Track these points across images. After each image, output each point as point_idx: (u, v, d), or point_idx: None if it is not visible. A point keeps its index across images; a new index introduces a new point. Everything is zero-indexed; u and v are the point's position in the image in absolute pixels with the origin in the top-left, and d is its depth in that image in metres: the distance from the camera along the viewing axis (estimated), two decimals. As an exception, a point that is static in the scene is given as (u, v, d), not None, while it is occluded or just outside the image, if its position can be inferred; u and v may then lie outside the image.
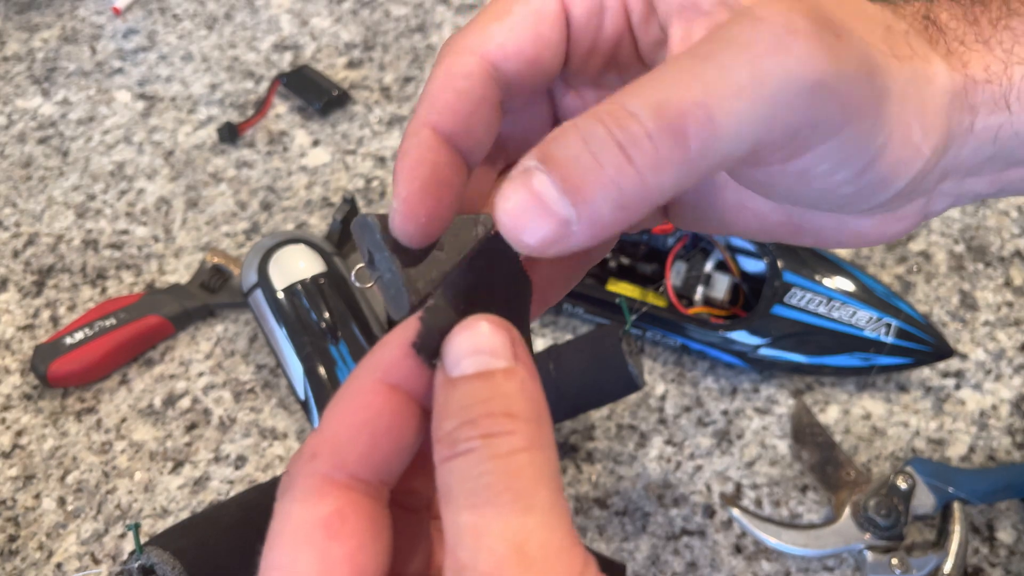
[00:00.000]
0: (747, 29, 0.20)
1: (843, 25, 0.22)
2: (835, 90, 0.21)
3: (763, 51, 0.20)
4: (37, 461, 0.55)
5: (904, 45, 0.24)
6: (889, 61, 0.23)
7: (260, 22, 0.80)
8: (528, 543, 0.19)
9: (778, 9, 0.21)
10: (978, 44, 0.25)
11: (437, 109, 0.25)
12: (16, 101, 0.75)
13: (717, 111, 0.19)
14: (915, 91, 0.24)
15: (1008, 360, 0.56)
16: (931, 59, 0.25)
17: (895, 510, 0.47)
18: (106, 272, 0.63)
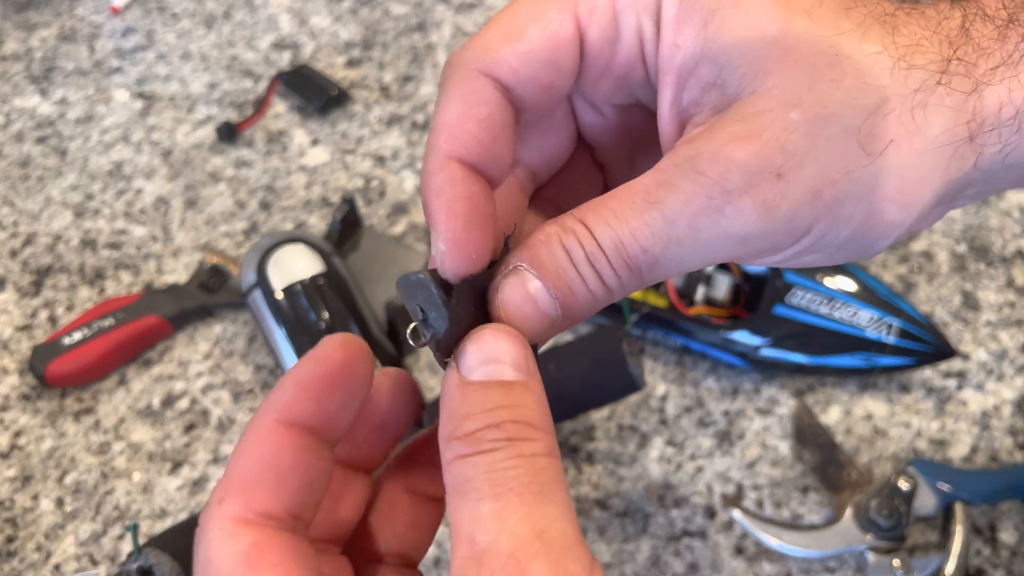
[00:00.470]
0: (689, 183, 0.23)
1: (795, 150, 0.23)
2: (765, 235, 0.24)
3: (698, 209, 0.23)
4: (35, 462, 0.55)
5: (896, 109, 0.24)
6: (853, 163, 0.23)
7: (259, 21, 0.79)
8: (549, 531, 0.21)
9: (717, 167, 0.23)
10: (1003, 68, 0.25)
11: (462, 141, 0.25)
12: (14, 100, 0.75)
13: (661, 256, 0.24)
14: (892, 175, 0.24)
15: (1010, 360, 0.56)
16: (933, 106, 0.24)
17: (897, 511, 0.47)
18: (104, 272, 0.63)
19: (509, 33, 0.25)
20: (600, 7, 0.25)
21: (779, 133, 0.23)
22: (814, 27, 0.24)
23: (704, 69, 0.25)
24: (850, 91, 0.23)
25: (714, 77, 0.24)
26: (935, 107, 0.24)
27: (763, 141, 0.23)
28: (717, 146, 0.23)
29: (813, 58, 0.24)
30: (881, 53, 0.24)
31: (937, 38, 0.24)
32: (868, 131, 0.24)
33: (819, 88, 0.23)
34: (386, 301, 0.57)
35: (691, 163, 0.24)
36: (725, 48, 0.24)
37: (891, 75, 0.24)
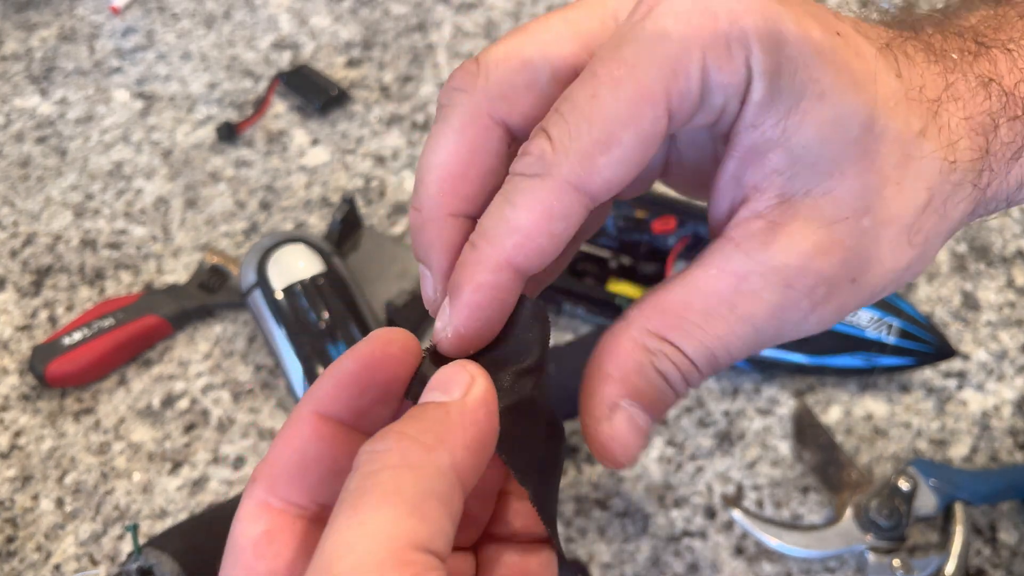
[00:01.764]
0: (779, 296, 0.24)
1: (867, 256, 0.25)
2: (826, 326, 0.26)
3: (788, 320, 0.25)
4: (35, 462, 0.55)
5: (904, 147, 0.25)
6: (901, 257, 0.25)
7: (259, 21, 0.79)
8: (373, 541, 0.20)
9: (806, 281, 0.24)
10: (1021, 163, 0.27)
11: (536, 260, 0.24)
12: (14, 100, 0.75)
13: (734, 359, 0.25)
14: (920, 258, 0.26)
15: (1010, 361, 0.56)
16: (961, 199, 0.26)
17: (897, 511, 0.47)
18: (104, 272, 0.63)
19: (602, 140, 0.23)
20: (690, 93, 0.23)
21: (855, 242, 0.24)
22: (891, 127, 0.24)
23: (776, 156, 0.24)
24: (909, 194, 0.25)
25: (785, 166, 0.24)
26: (962, 200, 0.26)
27: (845, 252, 0.24)
28: (805, 258, 0.24)
29: (885, 161, 0.24)
30: (935, 153, 0.25)
31: (971, 127, 0.26)
32: (916, 227, 0.25)
33: (887, 192, 0.24)
34: (386, 301, 0.57)
35: (779, 275, 0.24)
36: (804, 143, 0.24)
37: (939, 175, 0.25)
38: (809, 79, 0.23)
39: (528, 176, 0.23)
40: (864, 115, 0.24)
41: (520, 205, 0.23)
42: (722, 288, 0.24)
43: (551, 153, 0.23)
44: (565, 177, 0.23)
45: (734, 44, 0.23)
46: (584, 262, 0.58)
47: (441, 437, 0.21)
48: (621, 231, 0.57)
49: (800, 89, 0.23)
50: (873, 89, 0.24)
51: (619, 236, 0.57)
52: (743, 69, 0.23)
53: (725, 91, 0.23)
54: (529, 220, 0.23)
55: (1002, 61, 0.27)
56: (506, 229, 0.23)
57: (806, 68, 0.23)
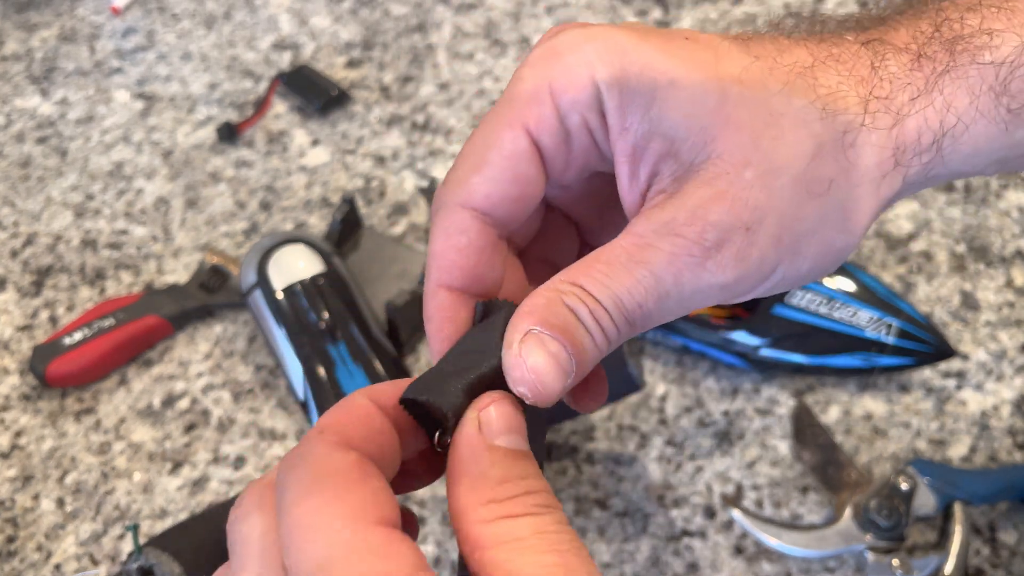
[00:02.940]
0: (669, 244, 0.26)
1: (757, 204, 0.26)
2: (740, 281, 0.27)
3: (682, 266, 0.26)
4: (36, 462, 0.55)
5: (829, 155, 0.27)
6: (803, 206, 0.27)
7: (259, 21, 0.79)
8: None
9: (694, 228, 0.26)
10: (921, 99, 0.28)
11: (446, 270, 0.28)
12: (15, 101, 0.75)
13: (654, 309, 0.27)
14: (835, 210, 0.27)
15: (1009, 360, 0.56)
16: (861, 144, 0.27)
17: (896, 511, 0.47)
18: (105, 272, 0.63)
19: (474, 164, 0.28)
20: (546, 116, 0.27)
21: (741, 192, 0.26)
22: (747, 92, 0.27)
23: (655, 144, 0.27)
24: (789, 144, 0.27)
25: (666, 149, 0.27)
26: (863, 145, 0.27)
27: (730, 200, 0.26)
28: (691, 210, 0.27)
29: (752, 120, 0.27)
30: (808, 105, 0.27)
31: (852, 81, 0.28)
32: (811, 176, 0.27)
33: (763, 146, 0.27)
34: (386, 301, 0.57)
35: (668, 227, 0.27)
36: (673, 124, 0.27)
37: (821, 123, 0.27)
38: (657, 72, 0.27)
39: (433, 213, 0.29)
40: (715, 87, 0.27)
41: (431, 237, 0.29)
42: (625, 244, 0.27)
43: (443, 190, 0.29)
44: (452, 200, 0.28)
45: (577, 67, 0.27)
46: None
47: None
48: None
49: (652, 83, 0.26)
50: (718, 67, 0.27)
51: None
52: (589, 85, 0.27)
53: (578, 108, 0.27)
54: (437, 243, 0.29)
55: (897, 31, 0.29)
56: (429, 260, 0.29)
57: (652, 66, 0.27)
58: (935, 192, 0.64)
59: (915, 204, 0.63)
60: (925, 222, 0.62)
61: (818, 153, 0.27)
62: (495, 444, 0.24)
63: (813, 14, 0.31)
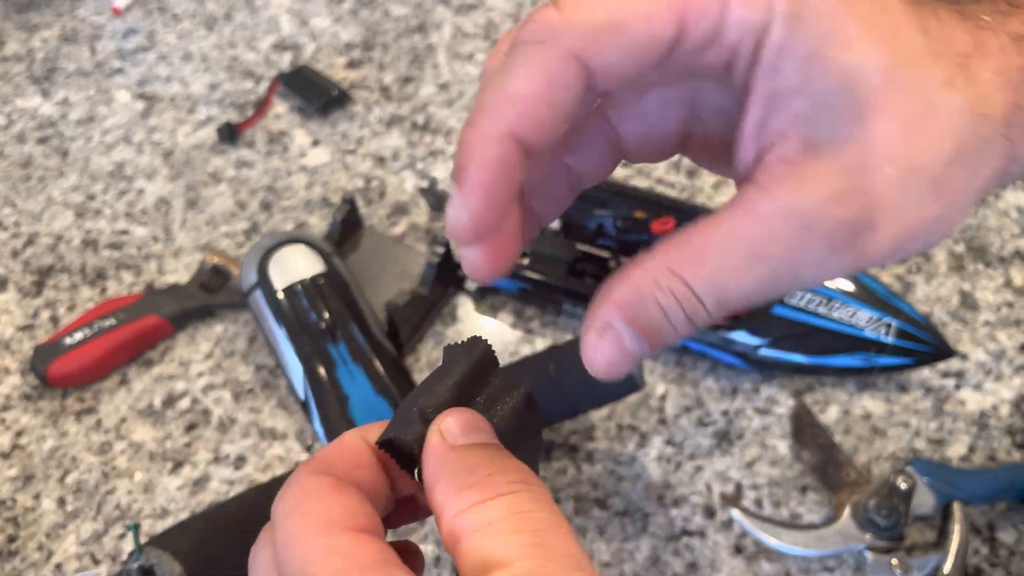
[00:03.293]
0: (797, 240, 0.24)
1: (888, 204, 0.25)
2: (843, 273, 0.25)
3: (806, 262, 0.25)
4: (37, 461, 0.55)
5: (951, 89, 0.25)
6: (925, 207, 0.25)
7: (260, 22, 0.79)
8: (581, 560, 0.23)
9: (825, 224, 0.24)
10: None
11: (531, 121, 0.24)
12: (16, 101, 0.75)
13: (756, 300, 0.25)
14: (948, 210, 0.26)
15: (1008, 360, 0.56)
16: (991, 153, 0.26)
17: (895, 510, 0.47)
18: (105, 272, 0.63)
19: (615, 22, 0.23)
20: (709, 14, 0.24)
21: (878, 188, 0.24)
22: (912, 76, 0.25)
23: (799, 102, 0.24)
24: (935, 142, 0.25)
25: (808, 113, 0.24)
26: (992, 154, 0.26)
27: (866, 197, 0.24)
28: (825, 201, 0.24)
29: (908, 109, 0.25)
30: (963, 104, 0.25)
31: (1002, 82, 0.26)
32: (942, 180, 0.25)
33: (911, 141, 0.25)
34: (386, 301, 0.57)
35: (799, 218, 0.24)
36: (828, 89, 0.24)
37: (969, 126, 0.25)
38: (833, 28, 0.24)
39: (531, 43, 0.23)
40: (886, 65, 0.24)
41: (522, 74, 0.23)
42: (744, 227, 0.24)
43: (558, 21, 0.23)
44: (569, 46, 0.23)
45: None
46: (584, 262, 0.58)
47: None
48: (621, 232, 0.57)
49: (823, 36, 0.24)
50: (896, 41, 0.24)
51: (619, 236, 0.57)
52: (764, 10, 0.23)
53: (742, 27, 0.24)
54: (530, 88, 0.23)
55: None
56: (507, 99, 0.23)
57: (830, 17, 0.24)
58: (934, 192, 0.64)
59: (914, 204, 0.63)
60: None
61: (955, 158, 0.25)
62: (458, 444, 0.24)
63: None
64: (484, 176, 0.23)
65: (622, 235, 0.57)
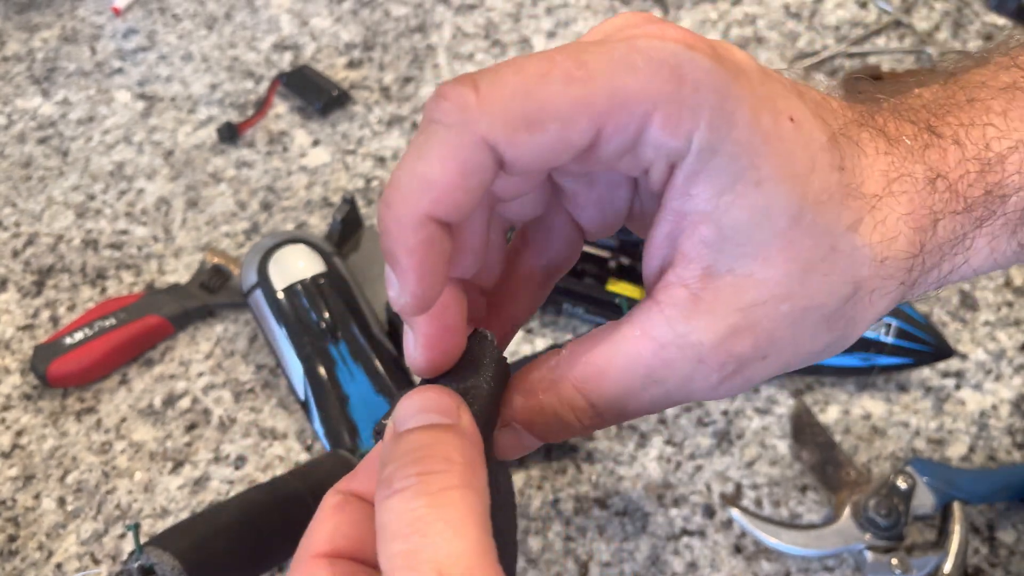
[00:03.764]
0: (690, 367, 0.26)
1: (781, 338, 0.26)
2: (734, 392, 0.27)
3: (696, 388, 0.26)
4: (37, 461, 0.55)
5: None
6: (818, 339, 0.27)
7: (260, 22, 0.80)
8: (453, 569, 0.21)
9: (718, 358, 0.26)
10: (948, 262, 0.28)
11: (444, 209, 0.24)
12: (16, 101, 0.75)
13: (640, 414, 0.28)
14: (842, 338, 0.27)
15: (1008, 360, 0.56)
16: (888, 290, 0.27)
17: (895, 510, 0.47)
18: (106, 272, 0.63)
19: (532, 118, 0.22)
20: (627, 132, 0.23)
21: (771, 325, 0.25)
22: (820, 222, 0.25)
23: (706, 229, 0.25)
24: (834, 284, 0.26)
25: (713, 240, 0.25)
26: (889, 292, 0.27)
27: (758, 335, 0.25)
28: (720, 338, 0.25)
29: (811, 253, 0.25)
30: (865, 250, 0.26)
31: (910, 225, 0.26)
32: (838, 316, 0.26)
33: (810, 282, 0.25)
34: (386, 301, 0.57)
35: (694, 350, 0.25)
36: (734, 224, 0.24)
37: (869, 267, 0.26)
38: (749, 165, 0.24)
39: (444, 125, 0.23)
40: (796, 208, 0.25)
41: (435, 158, 0.23)
42: (642, 351, 0.26)
43: (474, 105, 0.22)
44: (483, 135, 0.22)
45: (685, 114, 0.23)
46: (584, 262, 0.58)
47: (476, 462, 0.24)
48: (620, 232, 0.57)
49: (738, 173, 0.24)
50: (809, 181, 0.25)
51: (618, 236, 0.57)
52: (683, 139, 0.23)
53: (657, 150, 0.24)
54: (444, 174, 0.23)
55: (951, 152, 0.27)
56: (421, 183, 0.23)
57: (748, 155, 0.24)
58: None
59: (914, 204, 0.64)
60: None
61: (852, 296, 0.26)
62: (404, 429, 0.24)
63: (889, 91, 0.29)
64: (413, 259, 0.24)
65: (621, 235, 0.57)
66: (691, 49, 0.23)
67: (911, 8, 0.77)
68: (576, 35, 0.76)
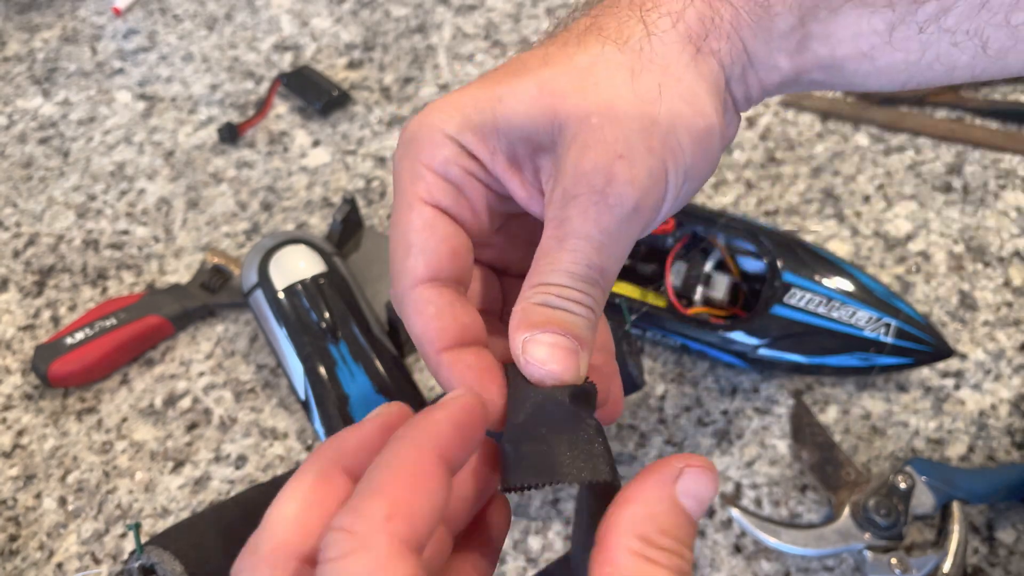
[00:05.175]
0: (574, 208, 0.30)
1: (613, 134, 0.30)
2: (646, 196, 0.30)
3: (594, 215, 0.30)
4: (38, 461, 0.55)
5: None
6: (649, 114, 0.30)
7: (260, 22, 0.80)
8: None
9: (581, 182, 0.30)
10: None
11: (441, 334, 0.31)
12: (17, 101, 0.75)
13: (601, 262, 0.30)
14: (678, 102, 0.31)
15: (1008, 360, 0.56)
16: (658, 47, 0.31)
17: (895, 510, 0.47)
18: (106, 272, 0.63)
19: (404, 250, 0.32)
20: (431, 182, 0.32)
21: (597, 134, 0.30)
22: (555, 68, 0.31)
23: (520, 149, 0.31)
24: (608, 80, 0.30)
25: (532, 147, 0.31)
26: (660, 47, 0.31)
27: (593, 145, 0.30)
28: (572, 173, 0.30)
29: (571, 83, 0.31)
30: (603, 48, 0.31)
31: (630, 16, 0.32)
32: (639, 92, 0.30)
33: (591, 95, 0.30)
34: (387, 301, 0.57)
35: (566, 196, 0.30)
36: (520, 127, 0.31)
37: (620, 54, 0.31)
38: (487, 99, 0.31)
39: (398, 306, 0.32)
40: (533, 81, 0.31)
41: (411, 323, 0.32)
42: (549, 233, 0.30)
43: (393, 286, 0.32)
44: (406, 288, 0.31)
45: (430, 133, 0.31)
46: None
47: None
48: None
49: (488, 107, 0.31)
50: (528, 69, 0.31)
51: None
52: (445, 140, 0.31)
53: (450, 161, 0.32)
54: (418, 326, 0.32)
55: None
56: (418, 335, 0.32)
57: (481, 97, 0.31)
58: (933, 192, 0.64)
59: (913, 204, 0.64)
60: (923, 222, 0.63)
61: (633, 73, 0.30)
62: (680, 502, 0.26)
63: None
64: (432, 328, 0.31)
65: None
66: (412, 119, 0.33)
67: None
68: (576, 35, 0.76)
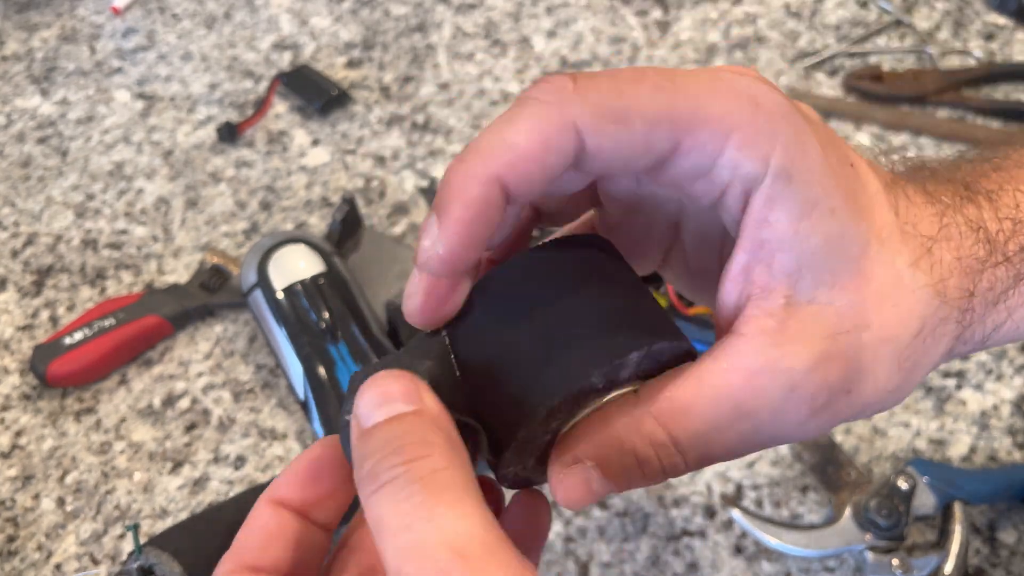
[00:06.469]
0: (781, 400, 0.25)
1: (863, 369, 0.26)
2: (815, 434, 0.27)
3: (788, 424, 0.26)
4: (36, 461, 0.55)
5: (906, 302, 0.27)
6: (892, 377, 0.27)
7: (259, 21, 0.79)
8: (468, 547, 0.20)
9: (810, 388, 0.25)
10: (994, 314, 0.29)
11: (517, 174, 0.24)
12: (15, 101, 0.75)
13: (726, 455, 0.26)
14: (907, 383, 0.27)
15: (1009, 360, 0.56)
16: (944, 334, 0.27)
17: (896, 510, 0.47)
18: (105, 272, 0.63)
19: (619, 113, 0.24)
20: (706, 148, 0.25)
21: (856, 354, 0.26)
22: (885, 252, 0.26)
23: (785, 258, 0.25)
24: (904, 317, 0.26)
25: (792, 269, 0.25)
26: (945, 335, 0.27)
27: (845, 363, 0.25)
28: (811, 365, 0.25)
29: (882, 283, 0.26)
30: (927, 286, 0.27)
31: (960, 268, 0.27)
32: (907, 354, 0.27)
33: (884, 312, 0.26)
34: (386, 301, 0.57)
35: (787, 377, 0.25)
36: (812, 250, 0.25)
37: (930, 307, 0.27)
38: (823, 194, 0.25)
39: (539, 101, 0.24)
40: (864, 238, 0.26)
41: (523, 127, 0.24)
42: (732, 382, 0.25)
43: (571, 91, 0.24)
44: (574, 118, 0.24)
45: (762, 138, 0.24)
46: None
47: (454, 440, 0.23)
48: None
49: (813, 200, 0.25)
50: (872, 217, 0.26)
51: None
52: (760, 161, 0.24)
53: (733, 172, 0.25)
54: (527, 142, 0.24)
55: (986, 208, 0.29)
56: (502, 145, 0.24)
57: (820, 185, 0.25)
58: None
59: (915, 204, 0.63)
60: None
61: (918, 334, 0.27)
62: (366, 427, 0.23)
63: (921, 163, 0.30)
64: (466, 213, 0.24)
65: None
66: (768, 85, 0.25)
67: (912, 7, 0.77)
68: (576, 35, 0.76)
